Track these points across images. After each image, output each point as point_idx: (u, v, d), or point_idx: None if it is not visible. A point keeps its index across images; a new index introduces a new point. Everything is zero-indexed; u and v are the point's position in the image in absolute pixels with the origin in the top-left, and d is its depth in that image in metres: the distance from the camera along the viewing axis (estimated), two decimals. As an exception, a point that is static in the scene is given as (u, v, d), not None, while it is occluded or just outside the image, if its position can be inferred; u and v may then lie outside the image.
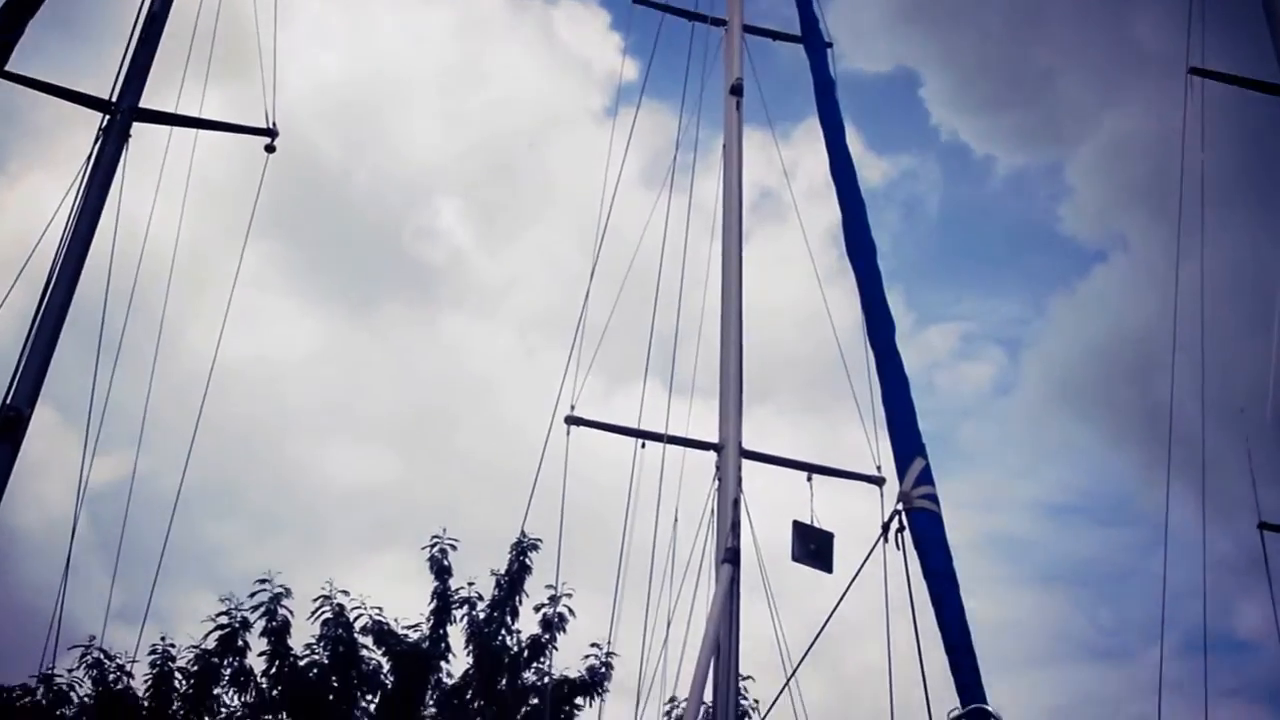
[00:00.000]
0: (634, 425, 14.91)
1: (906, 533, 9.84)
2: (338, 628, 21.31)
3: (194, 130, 14.95)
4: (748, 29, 17.21)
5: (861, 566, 10.13)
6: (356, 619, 21.63)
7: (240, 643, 21.27)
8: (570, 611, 22.09)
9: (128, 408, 14.64)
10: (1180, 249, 16.02)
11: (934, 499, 10.01)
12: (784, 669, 12.54)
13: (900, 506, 9.94)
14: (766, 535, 13.66)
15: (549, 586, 22.10)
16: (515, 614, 22.88)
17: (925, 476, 10.15)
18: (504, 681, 23.13)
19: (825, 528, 13.23)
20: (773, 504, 14.19)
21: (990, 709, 7.25)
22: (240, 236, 16.47)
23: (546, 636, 22.68)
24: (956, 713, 7.44)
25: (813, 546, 12.96)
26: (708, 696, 12.94)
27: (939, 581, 9.41)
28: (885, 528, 9.98)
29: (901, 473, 10.36)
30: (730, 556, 13.14)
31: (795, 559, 13.07)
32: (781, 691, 12.05)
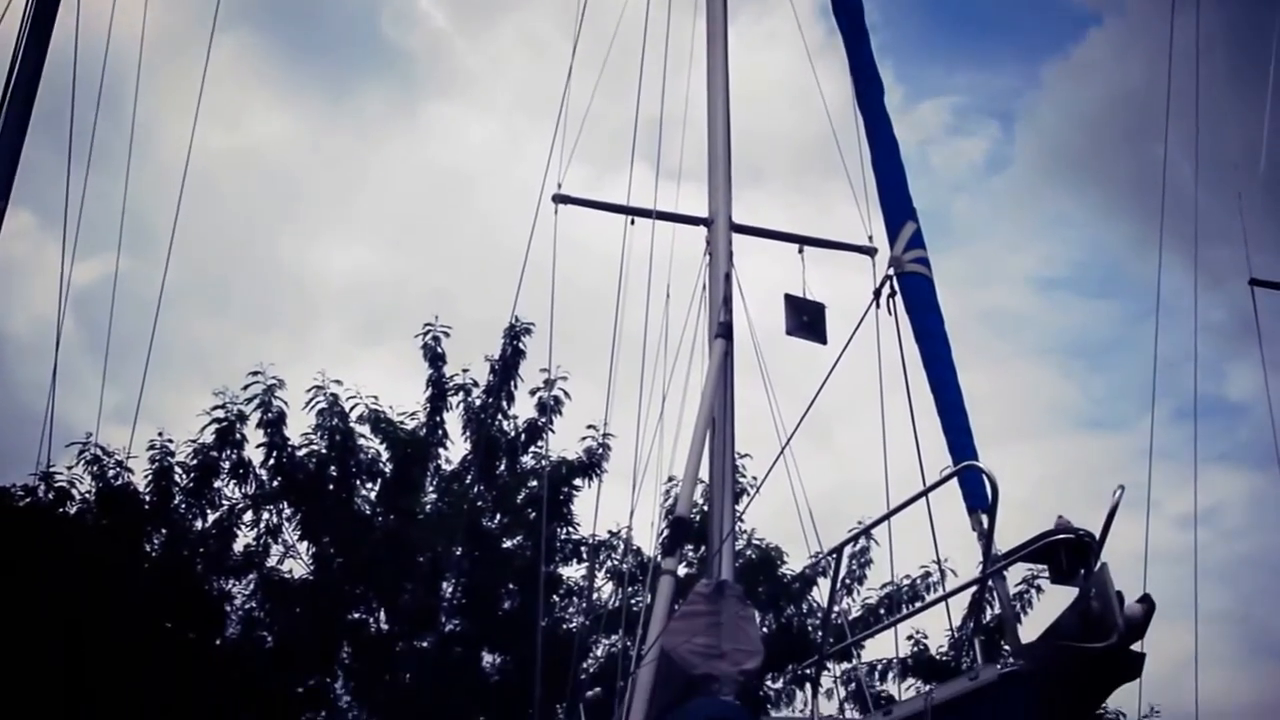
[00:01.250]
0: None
1: (898, 297, 9.72)
2: (333, 417, 21.39)
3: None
4: None
5: (855, 331, 10.02)
6: (352, 408, 21.74)
7: (237, 435, 21.40)
8: (565, 394, 22.24)
9: (109, 208, 14.39)
10: (1174, 5, 15.52)
11: (925, 263, 9.88)
12: (779, 444, 12.53)
13: (892, 271, 9.81)
14: (759, 316, 13.55)
15: (543, 370, 22.22)
16: (511, 399, 23.03)
17: (916, 241, 10.01)
18: (502, 466, 23.40)
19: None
20: (764, 283, 14.04)
21: (982, 466, 7.21)
22: (209, 28, 15.92)
23: (543, 420, 22.86)
24: (949, 470, 7.43)
25: (805, 318, 12.84)
26: (704, 474, 13.00)
27: (931, 343, 9.33)
28: (877, 292, 9.88)
29: (892, 238, 10.21)
30: (723, 331, 13.03)
31: (789, 332, 12.97)
32: (776, 460, 12.05)
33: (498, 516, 23.10)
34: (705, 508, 15.90)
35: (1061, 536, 6.57)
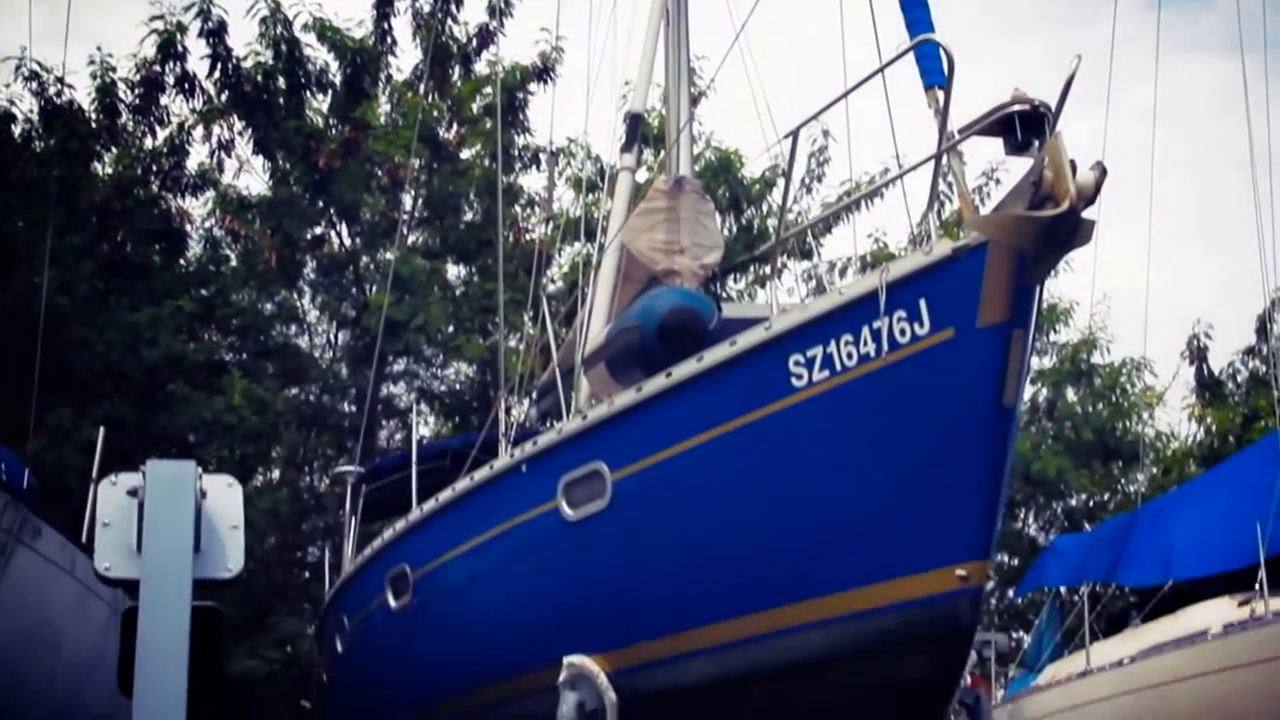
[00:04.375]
0: None
1: None
2: (276, 25, 20.68)
3: None
4: None
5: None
6: (296, 16, 21.01)
7: (179, 48, 20.72)
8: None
9: None
10: None
11: None
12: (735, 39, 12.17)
13: None
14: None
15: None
16: (460, 3, 22.36)
17: None
18: (455, 74, 22.95)
19: None
20: None
21: (937, 39, 6.99)
22: None
23: (494, 24, 22.30)
24: (905, 46, 7.20)
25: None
26: (660, 75, 12.70)
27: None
28: None
29: None
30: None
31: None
32: (730, 49, 11.78)
33: (454, 126, 22.83)
34: (663, 110, 15.70)
35: (1017, 108, 6.47)
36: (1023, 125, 6.38)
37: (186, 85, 21.02)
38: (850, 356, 6.86)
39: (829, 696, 7.20)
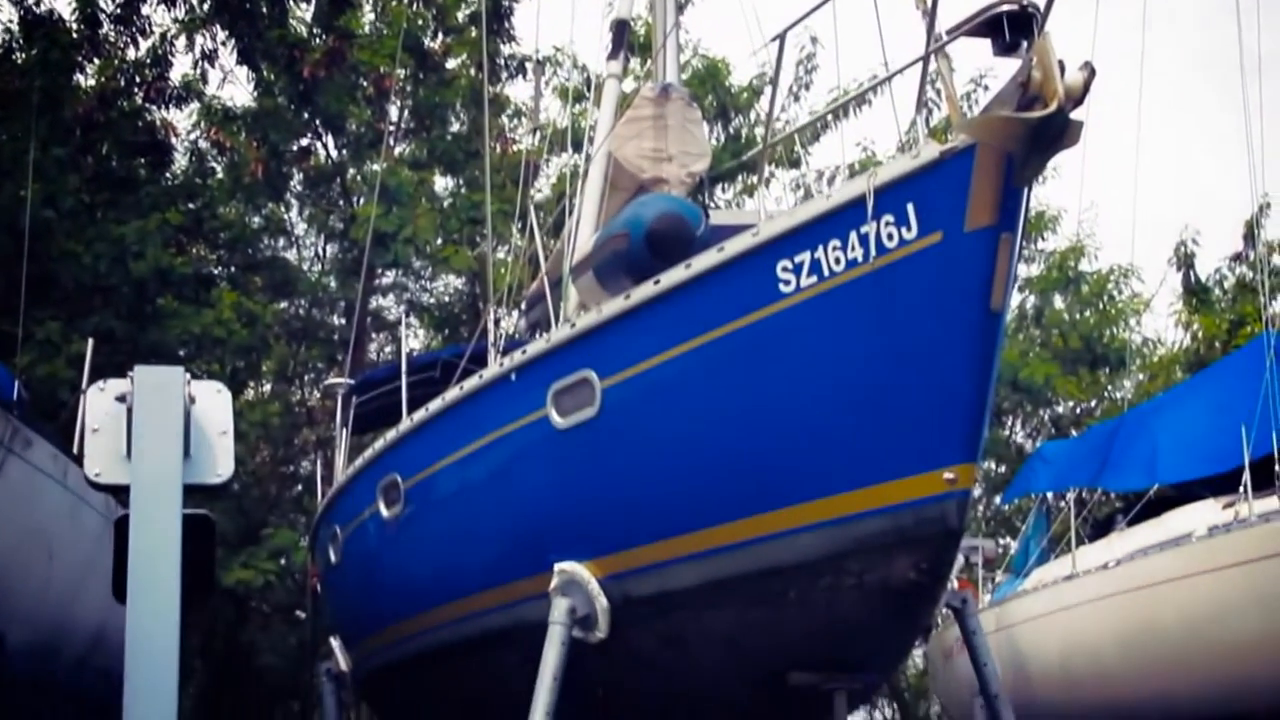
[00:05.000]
0: None
1: None
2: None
3: None
4: None
5: None
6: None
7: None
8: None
9: None
10: None
11: None
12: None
13: None
14: None
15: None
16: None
17: None
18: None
19: None
20: None
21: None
22: None
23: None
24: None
25: None
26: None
27: None
28: None
29: None
30: None
31: None
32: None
33: (439, 35, 22.61)
34: (648, 17, 15.55)
35: (1005, 8, 6.42)
36: (1011, 26, 6.34)
37: (169, -9, 20.80)
38: (838, 262, 6.86)
39: (819, 599, 7.28)
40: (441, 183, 23.54)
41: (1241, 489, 10.97)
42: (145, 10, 20.95)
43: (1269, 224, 22.22)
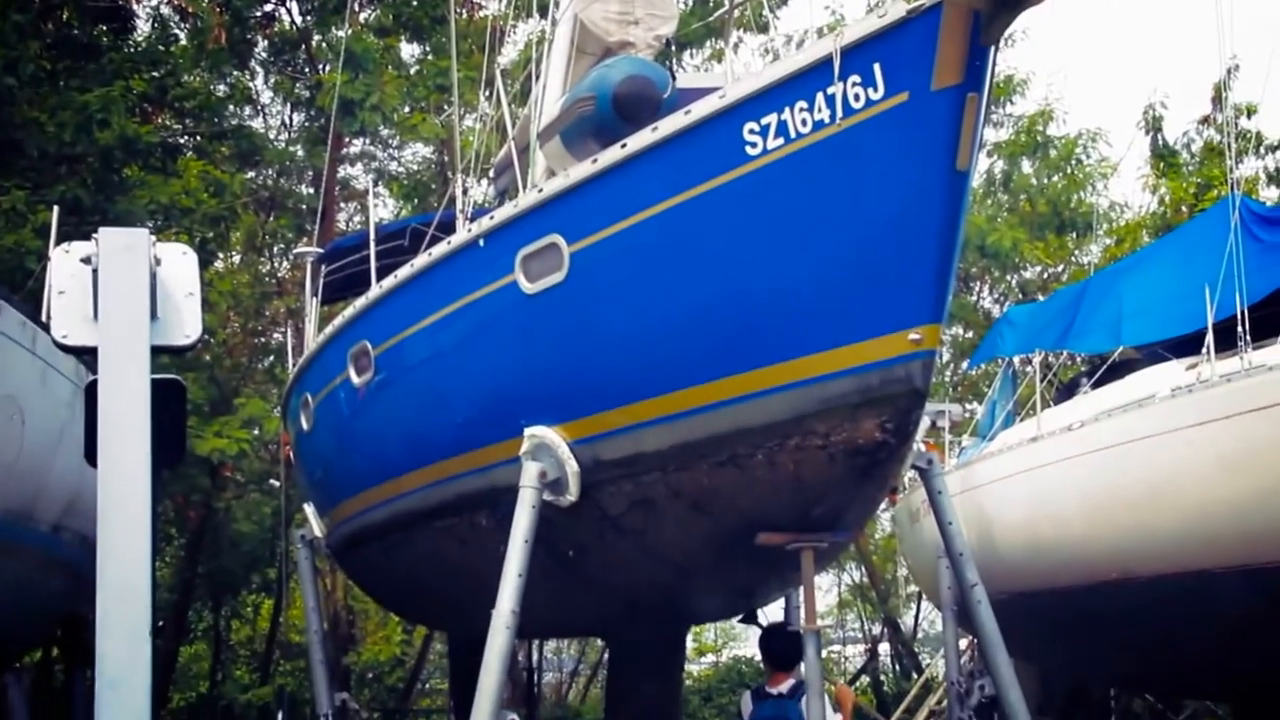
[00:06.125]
0: None
1: None
2: None
3: None
4: None
5: None
6: None
7: None
8: None
9: None
10: None
11: None
12: None
13: None
14: None
15: None
16: None
17: None
18: None
19: None
20: None
21: None
22: None
23: None
24: None
25: None
26: None
27: None
28: None
29: None
30: None
31: None
32: None
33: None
34: None
35: None
36: None
37: None
38: (805, 123, 6.85)
39: (786, 460, 7.38)
40: (408, 49, 23.25)
41: (1204, 351, 11.09)
42: None
43: (1237, 86, 22.19)
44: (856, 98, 6.66)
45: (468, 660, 9.55)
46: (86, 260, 4.33)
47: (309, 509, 13.05)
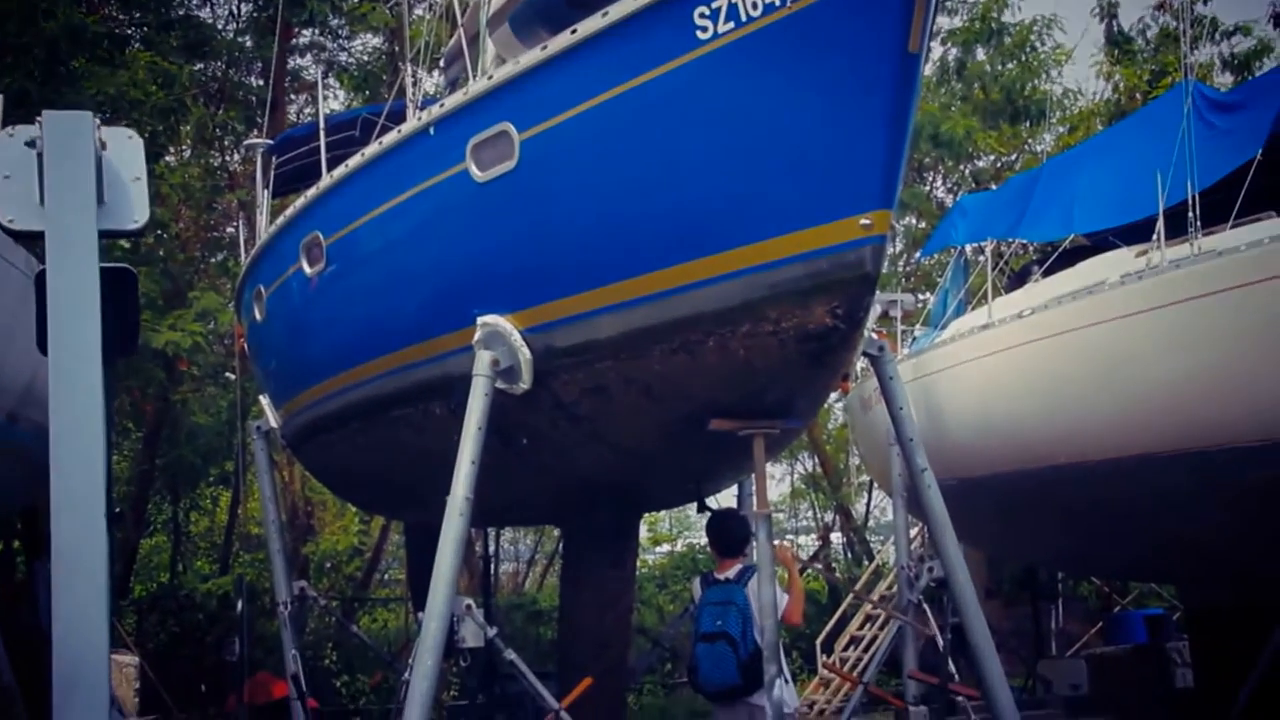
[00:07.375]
0: None
1: None
2: None
3: None
4: None
5: None
6: None
7: None
8: None
9: None
10: None
11: None
12: None
13: None
14: None
15: None
16: None
17: None
18: None
19: None
20: None
21: None
22: None
23: None
24: None
25: None
26: None
27: None
28: None
29: None
30: None
31: None
32: None
33: None
34: None
35: None
36: None
37: None
38: (755, 6, 6.81)
39: (739, 345, 7.44)
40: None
41: (1155, 237, 11.16)
42: None
43: (1192, -28, 22.08)
44: (807, -20, 6.62)
45: (424, 548, 9.65)
46: (31, 144, 4.30)
47: (264, 400, 13.07)
